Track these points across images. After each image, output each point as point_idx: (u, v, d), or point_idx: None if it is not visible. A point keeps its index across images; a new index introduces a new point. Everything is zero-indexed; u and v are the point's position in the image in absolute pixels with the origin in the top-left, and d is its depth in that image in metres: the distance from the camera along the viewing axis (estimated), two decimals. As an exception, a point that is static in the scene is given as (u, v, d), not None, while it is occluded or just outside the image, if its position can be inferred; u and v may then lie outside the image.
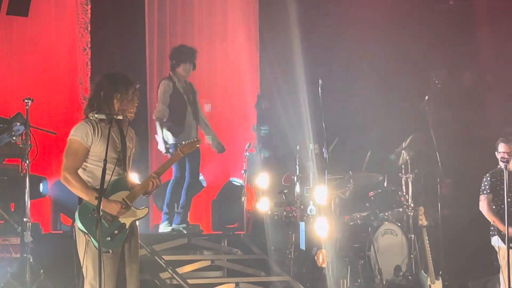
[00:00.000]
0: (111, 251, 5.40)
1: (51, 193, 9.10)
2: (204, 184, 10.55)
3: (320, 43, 11.23)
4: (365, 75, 10.97)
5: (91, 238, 5.30)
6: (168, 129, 9.11)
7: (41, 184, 8.79)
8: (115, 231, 5.42)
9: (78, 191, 5.40)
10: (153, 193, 5.66)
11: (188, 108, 9.26)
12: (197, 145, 5.81)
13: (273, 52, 11.42)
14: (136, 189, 5.53)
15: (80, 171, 5.48)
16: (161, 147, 9.08)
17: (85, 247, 5.36)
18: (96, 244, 5.24)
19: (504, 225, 7.80)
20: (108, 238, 5.36)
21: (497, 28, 11.46)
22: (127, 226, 5.47)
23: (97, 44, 10.36)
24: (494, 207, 8.04)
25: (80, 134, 5.48)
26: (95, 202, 5.18)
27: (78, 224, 5.38)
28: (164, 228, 9.28)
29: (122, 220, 5.46)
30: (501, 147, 8.03)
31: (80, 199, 5.44)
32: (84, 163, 5.49)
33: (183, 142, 5.80)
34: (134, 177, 6.15)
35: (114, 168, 5.42)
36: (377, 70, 11.07)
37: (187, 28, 11.34)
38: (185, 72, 9.30)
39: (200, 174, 10.41)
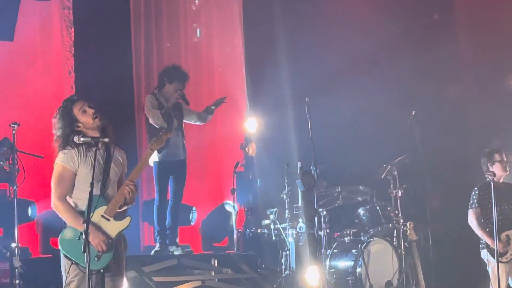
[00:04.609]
0: (102, 270, 5.33)
1: (39, 217, 9.05)
2: (193, 222, 10.44)
3: (304, 58, 11.21)
4: (351, 91, 10.96)
5: (78, 261, 5.24)
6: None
7: (29, 208, 8.75)
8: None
9: (67, 219, 5.36)
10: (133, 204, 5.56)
11: (174, 125, 9.09)
12: (167, 137, 5.70)
13: (260, 69, 11.41)
14: (113, 202, 5.41)
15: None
16: None
17: (67, 271, 5.30)
18: (84, 266, 5.16)
19: (492, 239, 7.82)
20: (95, 258, 5.28)
21: (481, 42, 11.51)
22: (113, 241, 5.36)
23: (81, 67, 10.25)
24: (482, 220, 8.06)
25: (66, 159, 5.44)
26: (81, 229, 5.14)
27: (62, 250, 5.34)
28: (155, 250, 9.20)
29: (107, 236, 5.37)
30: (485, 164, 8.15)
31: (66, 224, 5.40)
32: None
33: (153, 139, 5.67)
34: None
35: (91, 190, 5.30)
36: (362, 84, 11.06)
37: (174, 47, 11.32)
38: (175, 90, 9.08)
39: (195, 210, 10.34)
